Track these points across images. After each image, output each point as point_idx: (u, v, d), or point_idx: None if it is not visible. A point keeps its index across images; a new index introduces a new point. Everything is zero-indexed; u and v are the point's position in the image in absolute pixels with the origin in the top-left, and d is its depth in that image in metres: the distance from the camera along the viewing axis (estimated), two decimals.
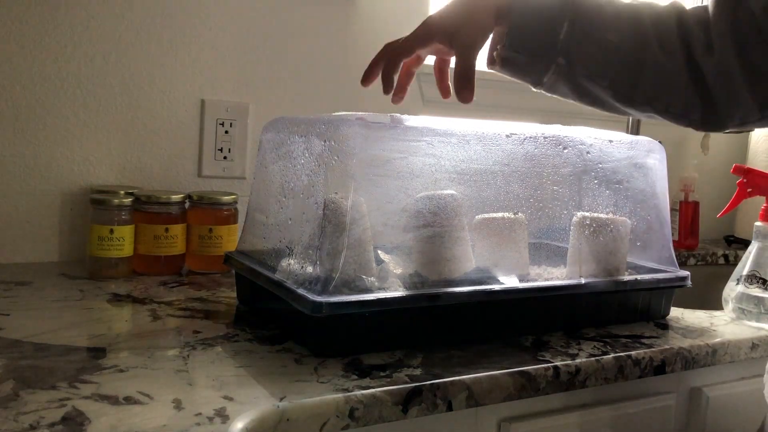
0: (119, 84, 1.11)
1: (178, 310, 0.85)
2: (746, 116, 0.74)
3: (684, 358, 0.83)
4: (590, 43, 0.73)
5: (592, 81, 0.74)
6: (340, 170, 0.75)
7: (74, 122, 1.08)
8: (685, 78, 0.74)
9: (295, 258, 0.77)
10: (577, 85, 0.75)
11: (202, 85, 1.17)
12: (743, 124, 0.76)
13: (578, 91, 0.76)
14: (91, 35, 1.08)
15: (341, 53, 1.28)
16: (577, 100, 0.78)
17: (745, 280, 0.98)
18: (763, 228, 0.99)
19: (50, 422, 0.53)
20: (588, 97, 0.77)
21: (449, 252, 0.79)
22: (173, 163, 1.16)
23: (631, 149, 0.97)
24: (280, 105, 1.24)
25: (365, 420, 0.62)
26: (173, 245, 1.04)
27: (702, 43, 0.73)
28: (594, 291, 0.86)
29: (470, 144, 0.83)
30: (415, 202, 0.78)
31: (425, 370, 0.69)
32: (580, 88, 0.75)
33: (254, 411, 0.57)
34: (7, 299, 0.85)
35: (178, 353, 0.70)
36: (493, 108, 1.44)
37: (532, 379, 0.72)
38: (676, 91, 0.75)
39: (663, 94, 0.75)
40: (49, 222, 1.08)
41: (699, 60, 0.73)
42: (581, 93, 0.76)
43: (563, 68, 0.73)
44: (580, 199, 0.93)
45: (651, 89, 0.74)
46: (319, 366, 0.68)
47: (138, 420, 0.55)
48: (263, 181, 0.91)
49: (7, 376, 0.61)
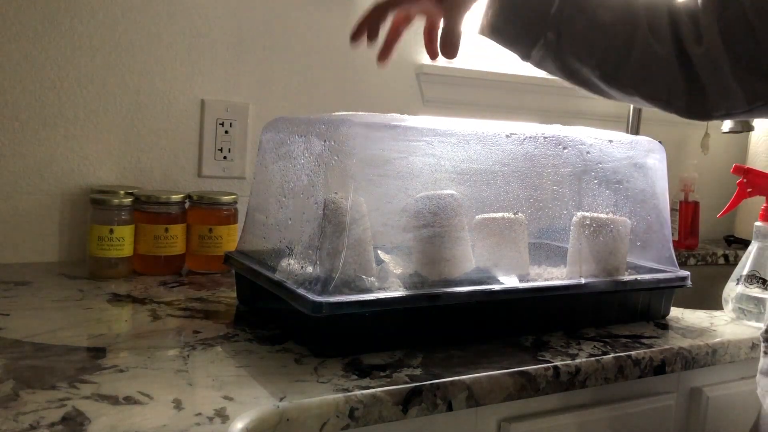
0: (119, 84, 1.11)
1: (178, 310, 0.85)
2: (733, 107, 0.74)
3: (684, 358, 0.83)
4: (581, 20, 0.73)
5: (579, 59, 0.74)
6: (340, 170, 0.75)
7: (74, 122, 1.08)
8: (672, 64, 0.74)
9: (295, 258, 0.77)
10: (564, 62, 0.74)
11: (202, 85, 1.17)
12: (728, 114, 0.76)
13: (565, 68, 0.75)
14: (91, 35, 1.08)
15: (341, 53, 1.28)
16: (564, 78, 0.77)
17: (745, 280, 0.98)
18: (763, 228, 0.99)
19: (50, 422, 0.53)
20: (574, 75, 0.76)
21: (449, 252, 0.79)
22: (173, 163, 1.16)
23: (631, 149, 0.97)
24: (280, 105, 1.24)
25: (365, 420, 0.62)
26: (173, 245, 1.04)
27: (692, 33, 0.73)
28: (594, 291, 0.86)
29: (470, 144, 0.83)
30: (415, 202, 0.78)
31: (425, 370, 0.69)
32: (567, 65, 0.75)
33: (254, 411, 0.57)
34: (7, 299, 0.85)
35: (178, 353, 0.70)
36: (493, 108, 1.44)
37: (532, 379, 0.72)
38: (663, 77, 0.74)
39: (650, 78, 0.74)
40: (49, 222, 1.08)
41: (688, 49, 0.73)
42: (568, 70, 0.76)
43: (552, 43, 0.73)
44: (580, 199, 0.93)
45: (638, 72, 0.74)
46: (319, 366, 0.68)
47: (138, 420, 0.55)
48: (263, 181, 0.91)
49: (7, 376, 0.61)
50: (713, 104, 0.75)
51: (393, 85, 1.33)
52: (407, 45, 1.32)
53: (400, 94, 1.34)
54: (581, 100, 1.49)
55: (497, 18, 0.73)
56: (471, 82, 1.40)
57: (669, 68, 0.74)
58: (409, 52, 1.33)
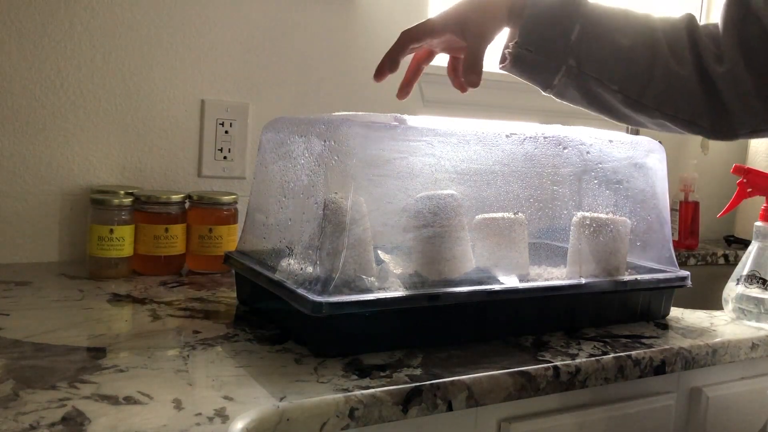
0: (119, 84, 1.11)
1: (178, 310, 0.85)
2: (758, 125, 0.75)
3: (684, 358, 0.83)
4: (601, 46, 0.74)
5: (601, 84, 0.75)
6: (340, 170, 0.75)
7: (74, 122, 1.08)
8: (695, 85, 0.75)
9: (295, 258, 0.77)
10: (587, 89, 0.75)
11: (202, 85, 1.17)
12: (754, 132, 0.77)
13: (588, 95, 0.76)
14: (91, 35, 1.08)
15: (341, 53, 1.28)
16: (587, 106, 0.79)
17: (745, 280, 0.98)
18: (763, 228, 0.99)
19: (50, 422, 0.53)
20: (597, 102, 0.77)
21: (449, 252, 0.79)
22: (173, 163, 1.16)
23: (631, 149, 0.97)
24: (280, 105, 1.24)
25: (365, 420, 0.62)
26: (173, 245, 1.04)
27: (712, 53, 0.74)
28: (594, 291, 0.86)
29: (470, 144, 0.83)
30: (415, 202, 0.78)
31: (425, 370, 0.69)
32: (590, 92, 0.76)
33: (254, 411, 0.57)
34: (7, 299, 0.85)
35: (178, 353, 0.70)
36: (493, 108, 1.44)
37: (532, 379, 0.72)
38: (686, 97, 0.75)
39: (673, 99, 0.75)
40: (49, 222, 1.08)
41: (709, 69, 0.74)
42: (591, 97, 0.77)
43: (573, 70, 0.74)
44: (580, 199, 0.93)
45: (661, 94, 0.75)
46: (319, 366, 0.68)
47: (138, 420, 0.55)
48: (263, 181, 0.91)
49: (7, 376, 0.61)
50: (738, 123, 0.76)
51: (393, 85, 1.33)
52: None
53: None
54: None
55: (519, 47, 0.74)
56: None
57: (691, 88, 0.75)
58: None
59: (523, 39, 0.74)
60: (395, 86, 1.39)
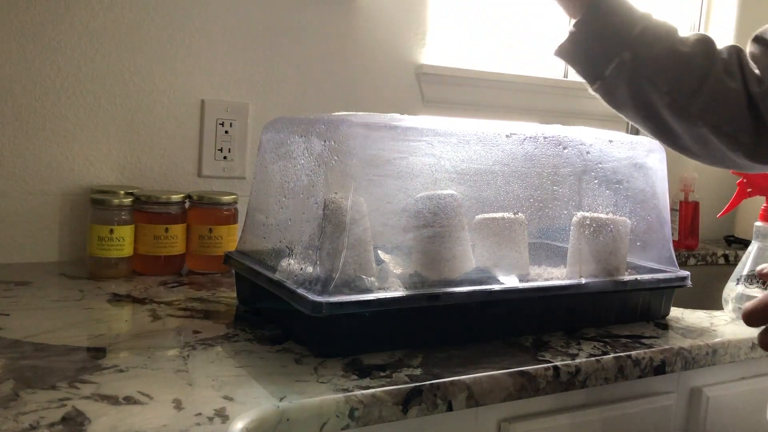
0: (119, 84, 1.11)
1: (178, 310, 0.85)
2: None
3: (684, 358, 0.83)
4: (661, 47, 0.76)
5: (653, 83, 0.76)
6: (340, 170, 0.75)
7: (74, 122, 1.08)
8: (743, 101, 0.77)
9: (295, 258, 0.77)
10: (637, 86, 0.77)
11: (202, 85, 1.17)
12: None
13: (636, 94, 0.77)
14: (90, 35, 1.08)
15: (341, 53, 1.28)
16: (632, 109, 0.80)
17: (745, 280, 0.98)
18: (763, 228, 0.99)
19: (50, 422, 0.53)
20: (642, 103, 0.78)
21: (449, 252, 0.79)
22: (173, 163, 1.16)
23: (631, 149, 0.97)
24: (280, 105, 1.24)
25: (365, 420, 0.62)
26: (173, 245, 1.04)
27: (755, 77, 0.77)
28: (594, 291, 0.86)
29: (470, 144, 0.83)
30: (415, 202, 0.78)
31: (425, 370, 0.69)
32: (639, 89, 0.77)
33: (254, 411, 0.57)
34: (7, 299, 0.85)
35: (178, 353, 0.70)
36: (493, 108, 1.44)
37: (532, 379, 0.72)
38: (731, 110, 0.77)
39: (718, 111, 0.77)
40: (49, 222, 1.08)
41: (750, 89, 0.77)
42: (638, 98, 0.78)
43: (627, 63, 0.75)
44: (580, 199, 0.93)
45: (708, 103, 0.76)
46: (319, 366, 0.68)
47: (138, 420, 0.55)
48: (263, 181, 0.91)
49: (7, 376, 0.61)
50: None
51: (393, 85, 1.33)
52: (407, 45, 1.33)
53: (400, 94, 1.34)
54: (581, 100, 1.48)
55: (579, 25, 0.76)
56: (471, 82, 1.40)
57: (738, 103, 0.77)
58: (409, 52, 1.33)
59: (585, 23, 0.76)
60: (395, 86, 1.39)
